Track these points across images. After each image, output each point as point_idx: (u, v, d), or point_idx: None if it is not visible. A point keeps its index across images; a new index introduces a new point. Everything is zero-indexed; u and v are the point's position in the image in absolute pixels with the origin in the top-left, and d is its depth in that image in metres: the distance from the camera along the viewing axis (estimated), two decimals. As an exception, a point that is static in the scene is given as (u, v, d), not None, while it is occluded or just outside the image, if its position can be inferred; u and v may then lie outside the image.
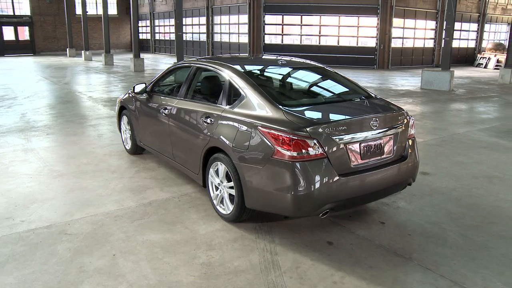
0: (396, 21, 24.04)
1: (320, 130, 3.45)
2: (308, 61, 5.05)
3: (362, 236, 3.91)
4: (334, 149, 3.49)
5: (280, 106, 3.71)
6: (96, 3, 37.69)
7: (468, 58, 28.88)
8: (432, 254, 3.61)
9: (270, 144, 3.49)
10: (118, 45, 39.80)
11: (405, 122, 4.03)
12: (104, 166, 5.79)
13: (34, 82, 15.67)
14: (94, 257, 3.48)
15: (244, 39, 26.74)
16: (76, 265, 3.37)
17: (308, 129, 3.41)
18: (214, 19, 29.88)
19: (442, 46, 25.97)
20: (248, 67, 4.57)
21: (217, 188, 4.23)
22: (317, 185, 3.41)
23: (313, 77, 4.82)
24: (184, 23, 26.37)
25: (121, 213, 4.34)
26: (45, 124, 8.46)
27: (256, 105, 3.83)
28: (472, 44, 29.96)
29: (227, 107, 4.08)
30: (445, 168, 5.83)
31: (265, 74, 4.71)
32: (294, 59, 5.12)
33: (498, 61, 25.07)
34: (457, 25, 25.78)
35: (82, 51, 28.17)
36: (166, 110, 4.95)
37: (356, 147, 3.62)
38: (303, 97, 4.46)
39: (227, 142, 3.87)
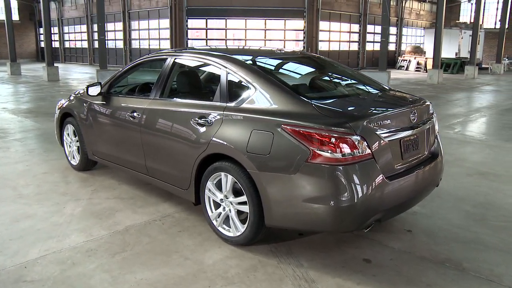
0: (322, 24, 24.41)
1: (364, 124, 2.82)
2: (306, 52, 4.42)
3: (398, 248, 3.35)
4: (379, 147, 2.88)
5: (306, 99, 3.02)
6: (-6, 8, 34.08)
7: (389, 60, 29.98)
8: (482, 262, 3.16)
9: (302, 145, 2.79)
10: (22, 55, 36.21)
11: (432, 115, 3.55)
12: (49, 187, 4.68)
13: None
14: (77, 313, 2.54)
15: (166, 45, 25.52)
16: (56, 328, 2.41)
17: (351, 124, 2.77)
18: (131, 25, 28.22)
19: (366, 49, 27.18)
20: (245, 57, 3.78)
21: (217, 206, 3.43)
22: (366, 191, 2.77)
23: (320, 68, 4.17)
24: (96, 29, 24.22)
25: (93, 245, 3.37)
26: (-45, 140, 6.94)
27: (274, 98, 3.10)
28: (392, 47, 31.24)
29: (231, 104, 3.29)
30: (434, 166, 5.51)
31: (267, 64, 3.92)
32: (289, 49, 4.47)
33: (418, 63, 26.45)
34: (377, 28, 26.80)
35: (-19, 61, 25.07)
36: (136, 114, 4.03)
37: (397, 144, 3.05)
38: (324, 90, 3.80)
39: (237, 147, 3.10)
